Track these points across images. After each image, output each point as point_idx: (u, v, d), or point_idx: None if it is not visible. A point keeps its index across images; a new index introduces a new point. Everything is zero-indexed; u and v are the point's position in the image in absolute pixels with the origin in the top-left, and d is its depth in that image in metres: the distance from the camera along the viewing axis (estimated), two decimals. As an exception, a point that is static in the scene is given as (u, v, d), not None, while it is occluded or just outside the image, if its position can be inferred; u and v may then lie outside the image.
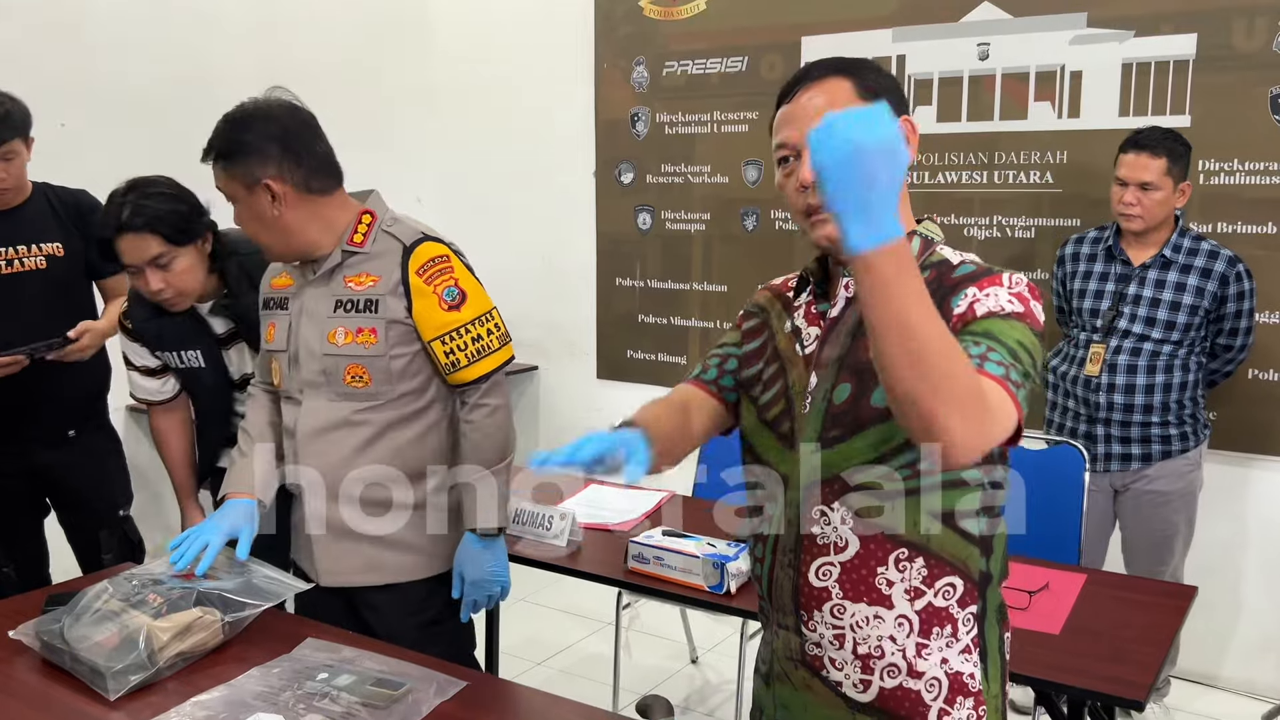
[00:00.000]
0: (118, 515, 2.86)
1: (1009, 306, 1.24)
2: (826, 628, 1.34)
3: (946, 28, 3.60)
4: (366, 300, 1.93)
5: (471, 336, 1.95)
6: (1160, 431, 2.92)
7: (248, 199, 1.90)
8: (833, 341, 1.34)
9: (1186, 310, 2.85)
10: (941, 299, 1.25)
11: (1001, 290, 1.25)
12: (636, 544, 2.34)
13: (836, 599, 1.33)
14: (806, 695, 1.39)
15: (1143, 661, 1.87)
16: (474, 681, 1.69)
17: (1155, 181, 2.84)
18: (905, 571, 1.30)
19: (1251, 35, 3.15)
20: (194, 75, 4.04)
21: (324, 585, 2.03)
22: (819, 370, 1.34)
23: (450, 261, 1.96)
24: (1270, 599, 3.31)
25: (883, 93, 1.29)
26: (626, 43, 4.32)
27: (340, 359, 1.93)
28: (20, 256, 2.66)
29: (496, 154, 4.65)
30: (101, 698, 1.63)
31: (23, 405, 2.67)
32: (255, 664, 1.73)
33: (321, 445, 1.97)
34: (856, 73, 1.31)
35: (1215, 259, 2.86)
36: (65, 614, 1.76)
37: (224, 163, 1.89)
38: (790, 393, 1.37)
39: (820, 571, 1.33)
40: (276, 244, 1.95)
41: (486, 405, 1.99)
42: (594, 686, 3.31)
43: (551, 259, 4.56)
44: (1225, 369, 3.02)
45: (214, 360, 2.38)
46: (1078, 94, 3.41)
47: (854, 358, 1.30)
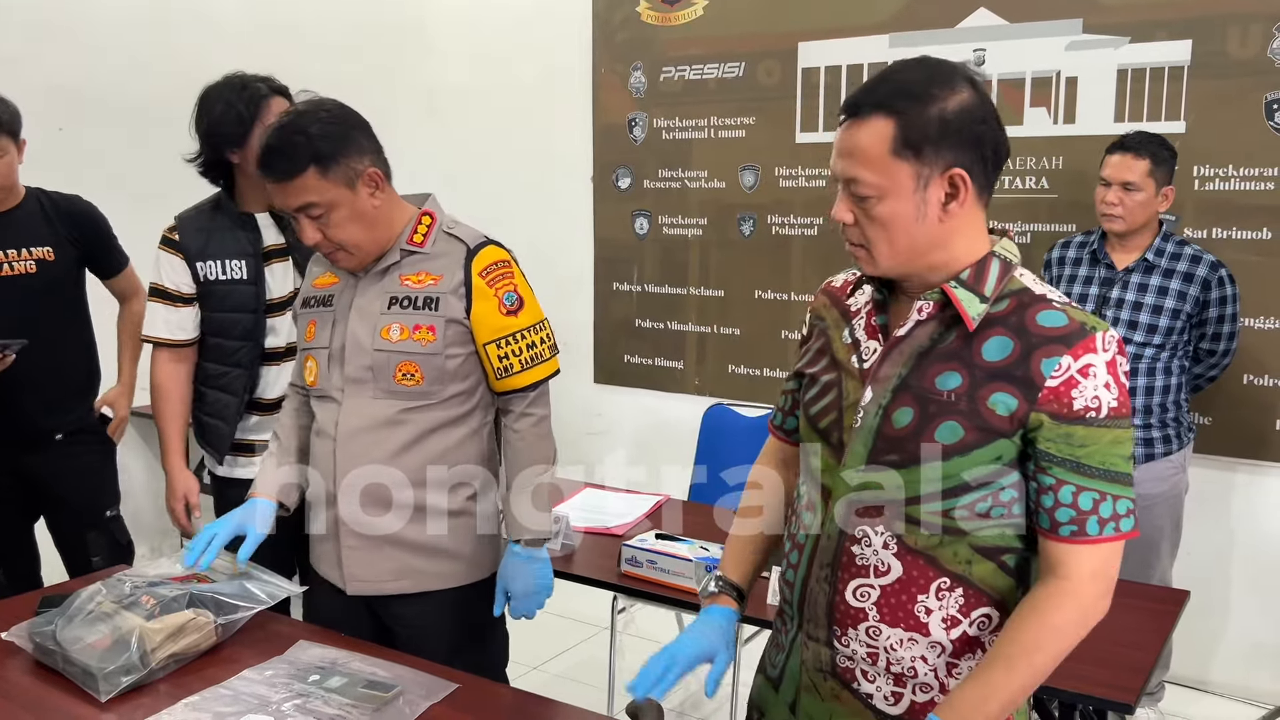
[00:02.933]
0: (105, 516, 2.84)
1: (1106, 399, 1.20)
2: (860, 645, 1.32)
3: (943, 34, 3.61)
4: (426, 298, 1.90)
5: (526, 343, 1.95)
6: (1143, 435, 2.93)
7: (350, 198, 1.84)
8: (894, 360, 1.30)
9: (1168, 314, 2.88)
10: (1028, 352, 1.21)
11: (1099, 364, 1.20)
12: (630, 547, 2.35)
13: (873, 621, 1.31)
14: (834, 705, 1.36)
15: (1133, 666, 1.88)
16: (465, 684, 1.69)
17: (1138, 182, 2.87)
18: (944, 600, 1.28)
19: (1246, 42, 3.16)
20: (193, 79, 4.04)
21: (351, 594, 1.96)
22: (875, 385, 1.30)
23: (511, 267, 1.96)
24: (1264, 604, 3.31)
25: (928, 144, 1.21)
26: (624, 48, 4.33)
27: (393, 355, 1.89)
28: (10, 260, 2.65)
29: (494, 158, 4.66)
30: (93, 699, 1.63)
31: (6, 404, 2.67)
32: (247, 666, 1.73)
33: (362, 445, 1.91)
34: (904, 112, 1.21)
35: (1198, 264, 2.89)
36: (58, 616, 1.76)
37: (320, 166, 1.80)
38: (843, 404, 1.33)
39: (859, 592, 1.31)
40: (371, 242, 1.90)
41: (533, 415, 1.98)
42: (589, 690, 3.31)
43: (549, 263, 4.56)
44: (1210, 374, 3.03)
45: (256, 274, 2.37)
46: (1073, 100, 3.42)
47: (917, 383, 1.27)
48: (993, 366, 1.23)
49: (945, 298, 1.26)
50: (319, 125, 1.82)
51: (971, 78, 1.25)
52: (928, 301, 1.28)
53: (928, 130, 1.21)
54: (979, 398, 1.22)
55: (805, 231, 3.97)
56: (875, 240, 1.27)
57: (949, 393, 1.24)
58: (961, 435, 1.22)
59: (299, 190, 1.81)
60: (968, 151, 1.22)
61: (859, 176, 1.24)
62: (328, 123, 1.83)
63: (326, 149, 1.81)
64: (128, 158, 3.86)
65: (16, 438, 2.73)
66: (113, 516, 2.88)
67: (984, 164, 1.24)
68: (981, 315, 1.25)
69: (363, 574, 1.94)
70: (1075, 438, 1.20)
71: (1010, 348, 1.23)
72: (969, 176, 1.23)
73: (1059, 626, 1.22)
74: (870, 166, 1.23)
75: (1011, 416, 1.21)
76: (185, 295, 2.42)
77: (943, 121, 1.21)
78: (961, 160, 1.22)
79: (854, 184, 1.25)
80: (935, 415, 1.24)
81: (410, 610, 1.96)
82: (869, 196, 1.24)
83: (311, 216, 1.84)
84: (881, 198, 1.24)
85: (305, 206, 1.83)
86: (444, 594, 1.96)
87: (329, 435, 1.93)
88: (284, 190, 1.83)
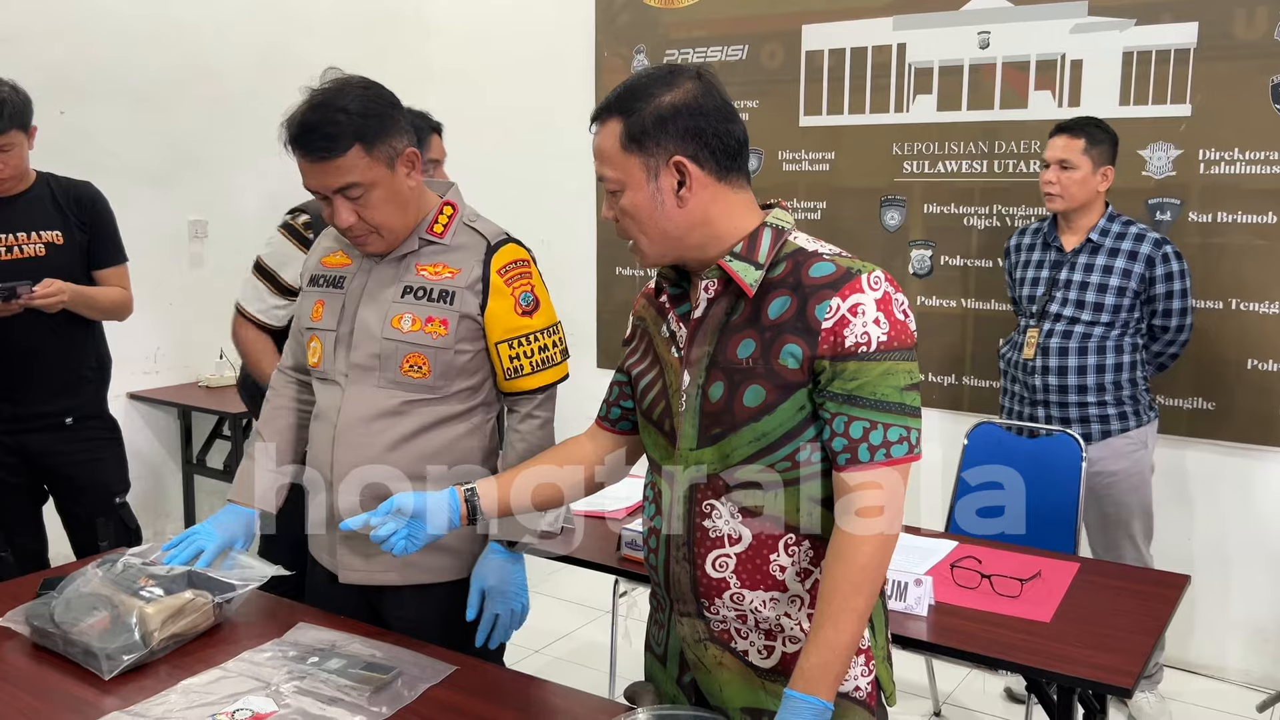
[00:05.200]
0: (114, 503, 2.87)
1: (875, 333, 1.30)
2: (729, 610, 1.41)
3: (947, 16, 3.59)
4: (442, 291, 1.86)
5: (538, 345, 1.92)
6: (1098, 411, 2.98)
7: (389, 178, 1.79)
8: (699, 341, 1.40)
9: (1114, 292, 2.93)
10: (804, 302, 1.31)
11: (867, 301, 1.30)
12: (629, 530, 2.35)
13: (735, 588, 1.39)
14: (721, 674, 1.45)
15: (1132, 650, 1.88)
16: (464, 666, 1.70)
17: (1073, 160, 2.94)
18: (794, 555, 1.38)
19: (1252, 24, 3.13)
20: (194, 64, 4.04)
21: (343, 582, 1.94)
22: (690, 369, 1.40)
23: (530, 267, 1.93)
24: (1266, 588, 3.31)
25: (648, 137, 1.33)
26: (627, 31, 4.31)
27: (401, 345, 1.85)
28: (20, 244, 2.67)
29: (495, 143, 4.64)
30: (95, 680, 1.63)
31: (16, 388, 2.68)
32: (247, 647, 1.74)
33: (362, 434, 1.87)
34: (629, 112, 1.34)
35: (1141, 241, 2.93)
36: (54, 598, 1.77)
37: (365, 144, 1.75)
38: (669, 392, 1.44)
39: (717, 563, 1.40)
40: (404, 226, 1.86)
41: (538, 418, 1.96)
42: (591, 674, 3.33)
43: (552, 248, 4.55)
44: (1170, 350, 3.06)
45: None
46: (1078, 83, 3.40)
47: (722, 356, 1.37)
48: (778, 323, 1.33)
49: (724, 273, 1.37)
50: (360, 102, 1.76)
51: (701, 75, 1.36)
52: (711, 279, 1.39)
53: (645, 124, 1.33)
54: (771, 356, 1.33)
55: (808, 215, 3.96)
56: (631, 231, 1.40)
57: (747, 359, 1.34)
58: (764, 396, 1.33)
59: (341, 170, 1.75)
60: (688, 141, 1.34)
61: (604, 174, 1.38)
62: (369, 100, 1.78)
63: (371, 127, 1.75)
64: (128, 140, 3.85)
65: (27, 421, 2.74)
66: (122, 504, 2.90)
67: (710, 151, 1.34)
68: (759, 281, 1.35)
69: (355, 563, 1.92)
70: (848, 372, 1.30)
71: (789, 304, 1.33)
72: (692, 164, 1.34)
73: (864, 565, 1.30)
74: (609, 163, 1.37)
75: (800, 366, 1.31)
76: (295, 289, 2.40)
77: (659, 116, 1.33)
78: (683, 149, 1.33)
79: (603, 181, 1.39)
80: (740, 383, 1.34)
81: (402, 602, 1.93)
82: (615, 191, 1.38)
83: (350, 198, 1.78)
84: (623, 190, 1.37)
85: (346, 187, 1.76)
86: (437, 588, 1.94)
87: (330, 421, 1.90)
88: (324, 170, 1.75)
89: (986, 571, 2.15)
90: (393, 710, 1.55)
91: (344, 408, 1.89)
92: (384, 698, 1.58)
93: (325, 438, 1.92)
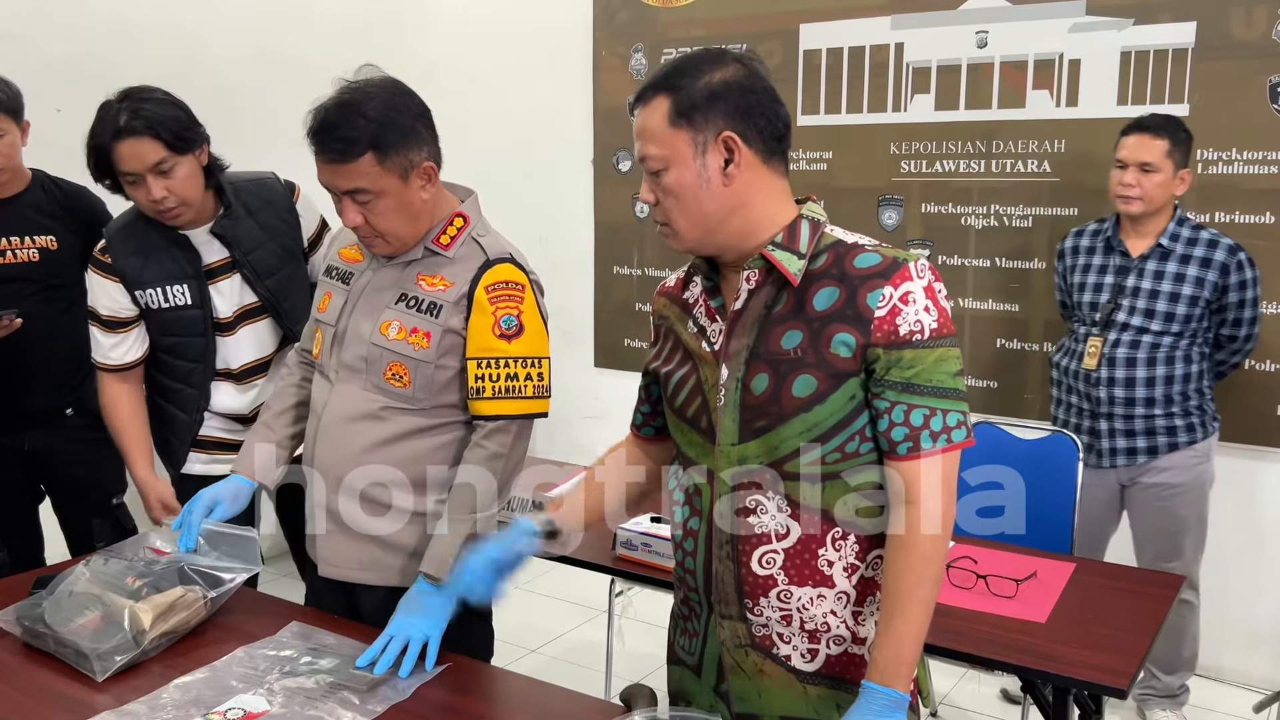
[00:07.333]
0: (111, 503, 2.85)
1: (927, 321, 1.30)
2: (774, 610, 1.38)
3: (945, 15, 3.58)
4: (431, 303, 1.84)
5: (507, 372, 1.83)
6: (1165, 424, 2.88)
7: (400, 189, 1.77)
8: (739, 334, 1.37)
9: (1186, 301, 2.82)
10: (853, 292, 1.31)
11: (916, 290, 1.30)
12: (625, 530, 2.35)
13: (782, 585, 1.37)
14: (761, 681, 1.41)
15: (1128, 650, 1.87)
16: (456, 664, 1.69)
17: (1156, 163, 2.81)
18: (841, 550, 1.36)
19: (1250, 24, 3.13)
20: (192, 61, 4.03)
21: (321, 575, 1.96)
22: (728, 362, 1.37)
23: (524, 292, 1.86)
24: (1263, 589, 3.30)
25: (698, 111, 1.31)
26: (625, 29, 4.30)
27: (385, 353, 1.84)
28: (14, 248, 2.65)
29: (494, 141, 4.63)
30: (87, 680, 1.63)
31: (14, 382, 2.67)
32: (240, 645, 1.74)
33: (342, 433, 1.87)
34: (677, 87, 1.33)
35: (1215, 248, 2.82)
36: (45, 598, 1.76)
37: (379, 153, 1.73)
38: (704, 388, 1.40)
39: (764, 559, 1.37)
40: (412, 235, 1.84)
41: (485, 448, 1.83)
42: (587, 674, 3.32)
43: (549, 246, 4.55)
44: (1233, 360, 2.97)
45: (201, 297, 2.31)
46: (1076, 82, 3.40)
47: (764, 348, 1.34)
48: (826, 314, 1.32)
49: (767, 263, 1.35)
50: (383, 110, 1.74)
51: (743, 59, 1.35)
52: (753, 270, 1.37)
53: (696, 99, 1.31)
54: (822, 346, 1.31)
55: (806, 215, 3.95)
56: (672, 213, 1.36)
57: (794, 349, 1.33)
58: (816, 385, 1.31)
59: (351, 174, 1.73)
60: (738, 118, 1.32)
61: (647, 152, 1.35)
62: (392, 109, 1.75)
63: (388, 137, 1.73)
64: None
65: (28, 414, 2.73)
66: (118, 504, 2.89)
67: (758, 131, 1.33)
68: (802, 270, 1.34)
69: (333, 558, 1.93)
70: (904, 360, 1.29)
71: (837, 294, 1.32)
72: (741, 140, 1.32)
73: (927, 554, 1.30)
74: (654, 140, 1.34)
75: (854, 355, 1.30)
76: (124, 319, 2.35)
77: (710, 91, 1.31)
78: (733, 125, 1.32)
79: (646, 161, 1.36)
80: (788, 373, 1.32)
81: (377, 602, 1.91)
82: (659, 170, 1.34)
83: (358, 201, 1.76)
84: (668, 168, 1.33)
85: (354, 191, 1.75)
86: None
87: (316, 415, 1.93)
88: (334, 171, 1.75)
89: (982, 572, 2.15)
90: (384, 708, 1.55)
91: (329, 404, 1.90)
92: (376, 696, 1.58)
93: (311, 431, 1.94)
